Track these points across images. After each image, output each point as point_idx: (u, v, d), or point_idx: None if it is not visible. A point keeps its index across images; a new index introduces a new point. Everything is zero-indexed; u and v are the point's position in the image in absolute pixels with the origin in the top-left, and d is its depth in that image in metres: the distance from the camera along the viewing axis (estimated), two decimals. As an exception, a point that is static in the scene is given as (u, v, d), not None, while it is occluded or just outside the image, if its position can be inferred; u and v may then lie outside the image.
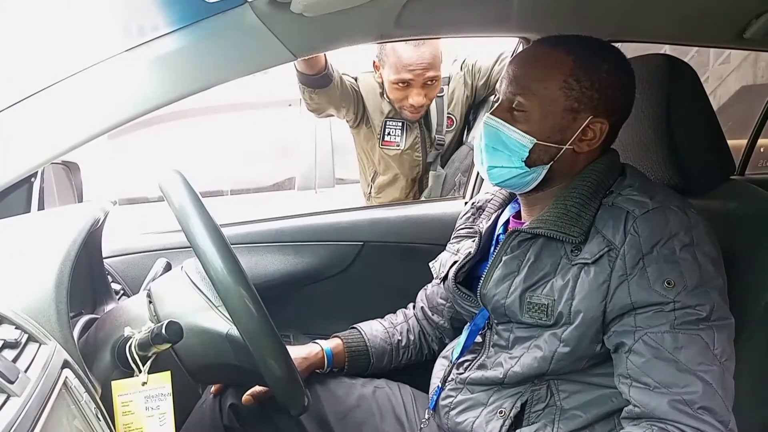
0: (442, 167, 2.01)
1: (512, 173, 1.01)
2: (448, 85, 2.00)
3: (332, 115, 2.00)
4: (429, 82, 1.83)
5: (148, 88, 1.00)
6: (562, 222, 0.97)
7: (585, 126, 0.98)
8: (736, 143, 2.42)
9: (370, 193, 2.13)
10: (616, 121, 1.02)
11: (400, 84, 1.82)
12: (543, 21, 1.33)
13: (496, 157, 1.01)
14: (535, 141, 0.98)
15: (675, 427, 0.86)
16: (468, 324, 1.16)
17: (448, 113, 2.01)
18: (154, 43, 1.00)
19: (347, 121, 2.04)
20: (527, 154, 0.99)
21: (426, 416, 1.17)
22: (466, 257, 1.15)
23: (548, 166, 1.00)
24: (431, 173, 2.03)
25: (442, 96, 1.99)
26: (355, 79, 1.96)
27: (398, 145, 1.96)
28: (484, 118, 1.03)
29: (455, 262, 1.18)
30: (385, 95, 1.93)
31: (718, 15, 1.31)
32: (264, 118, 3.37)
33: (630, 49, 1.21)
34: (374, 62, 1.91)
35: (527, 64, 1.02)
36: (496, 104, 1.04)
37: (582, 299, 0.94)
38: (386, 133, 1.96)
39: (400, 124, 1.95)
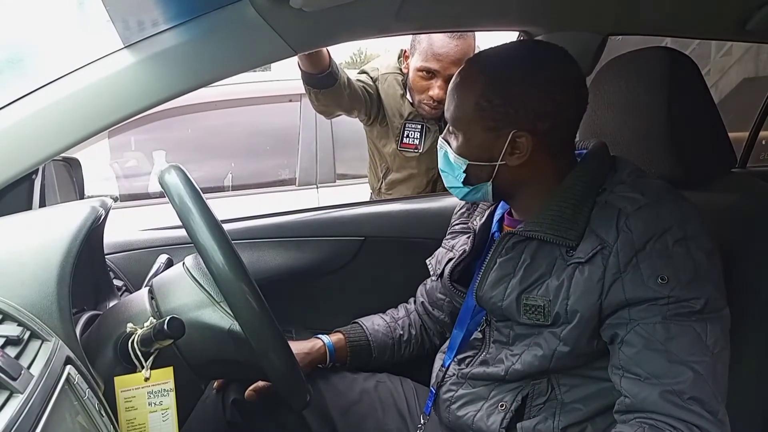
0: None
1: (463, 192, 1.04)
2: None
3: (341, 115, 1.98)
4: None
5: (148, 84, 1.00)
6: (558, 225, 0.96)
7: (509, 141, 0.96)
8: (738, 136, 2.42)
9: (380, 188, 2.09)
10: (548, 127, 0.97)
11: (425, 73, 1.78)
12: (543, 15, 1.33)
13: (447, 178, 1.06)
14: (468, 162, 1.00)
15: (664, 423, 0.86)
16: (457, 322, 1.16)
17: None
18: (153, 39, 1.00)
19: (360, 120, 2.01)
20: (464, 174, 1.01)
21: (427, 411, 1.17)
22: (461, 255, 1.15)
23: (490, 183, 1.01)
24: None
25: None
26: (374, 80, 1.92)
27: (417, 149, 1.92)
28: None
29: (450, 260, 1.17)
30: (406, 97, 1.90)
31: (720, 7, 1.31)
32: (264, 114, 3.36)
33: (631, 43, 1.20)
34: (404, 51, 1.88)
35: (451, 90, 1.02)
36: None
37: (578, 299, 0.93)
38: (405, 135, 1.92)
39: (419, 126, 1.90)
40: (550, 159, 1.00)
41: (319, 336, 1.28)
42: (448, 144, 1.03)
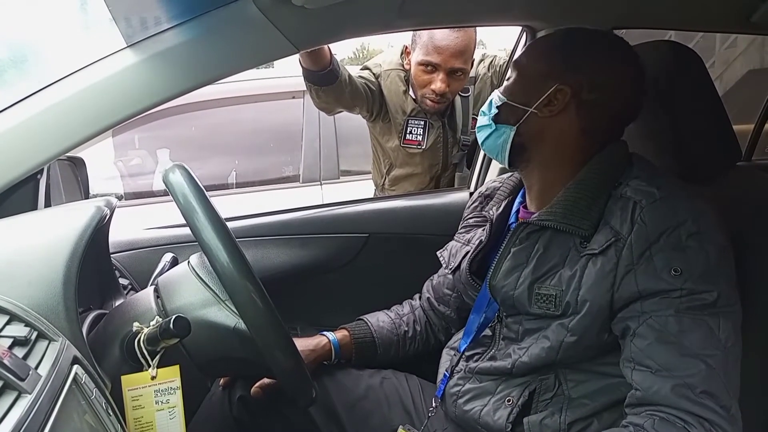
0: (468, 168, 1.96)
1: (486, 132, 1.07)
2: (474, 85, 1.97)
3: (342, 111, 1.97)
4: (455, 73, 1.79)
5: (151, 83, 1.00)
6: (572, 215, 0.97)
7: (550, 92, 1.00)
8: (743, 128, 2.41)
9: (383, 184, 2.09)
10: (592, 100, 1.00)
11: (427, 67, 1.79)
12: (545, 9, 1.33)
13: (481, 118, 1.09)
14: (505, 100, 1.04)
15: (675, 416, 0.86)
16: (471, 313, 1.16)
17: (474, 114, 1.96)
18: (156, 38, 1.00)
19: (362, 116, 2.01)
20: (496, 110, 1.05)
21: (433, 405, 1.18)
22: (478, 246, 1.16)
23: (515, 128, 1.03)
24: (457, 174, 2.00)
25: (468, 96, 1.96)
26: (377, 77, 1.93)
27: (420, 145, 1.92)
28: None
29: (467, 253, 1.18)
30: (408, 93, 1.90)
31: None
32: (267, 111, 3.36)
33: (634, 36, 1.20)
34: (405, 47, 1.89)
35: (529, 44, 1.11)
36: None
37: (589, 289, 0.94)
38: (408, 131, 1.92)
39: (422, 122, 1.91)
40: (578, 132, 1.02)
41: (324, 333, 1.29)
42: (498, 90, 1.08)
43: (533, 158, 1.05)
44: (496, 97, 1.06)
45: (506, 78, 1.09)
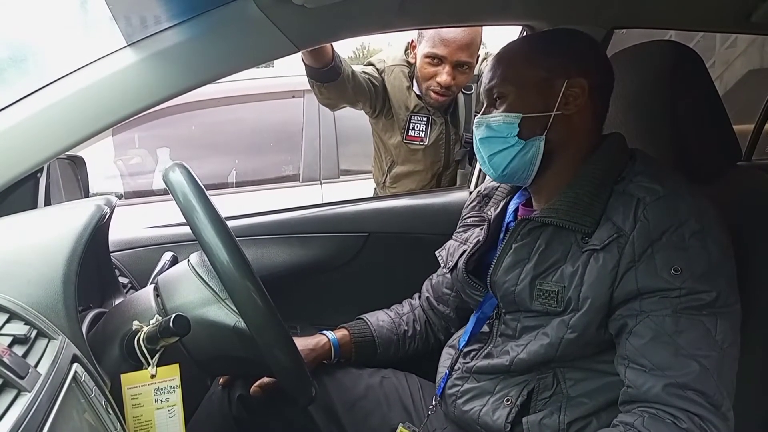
0: (470, 165, 1.98)
1: (511, 154, 1.02)
2: (477, 83, 1.96)
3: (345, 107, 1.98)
4: (461, 67, 1.80)
5: (151, 82, 1.00)
6: (574, 212, 0.97)
7: (564, 90, 1.00)
8: (743, 128, 2.41)
9: (384, 182, 2.09)
10: (596, 82, 1.02)
11: (433, 59, 1.80)
12: (546, 9, 1.33)
13: (492, 144, 1.03)
14: (521, 115, 1.01)
15: (665, 412, 0.86)
16: (474, 312, 1.16)
17: (476, 111, 1.98)
18: (156, 37, 1.01)
19: (365, 112, 2.01)
20: (518, 128, 1.01)
21: (433, 404, 1.18)
22: (475, 245, 1.16)
23: (543, 136, 1.01)
24: (459, 171, 2.01)
25: (471, 94, 1.97)
26: (381, 72, 1.93)
27: (422, 141, 1.93)
28: (473, 122, 1.08)
29: (465, 252, 1.18)
30: (412, 89, 1.90)
31: (724, -1, 1.30)
32: (267, 110, 3.36)
33: (634, 36, 1.20)
34: (411, 41, 1.89)
35: (497, 58, 1.07)
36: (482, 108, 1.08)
37: (590, 285, 0.94)
38: (411, 127, 1.93)
39: (425, 119, 1.92)
40: (592, 121, 1.04)
41: (324, 332, 1.29)
42: (490, 114, 1.04)
43: (554, 163, 1.03)
44: (502, 118, 1.01)
45: (491, 103, 1.05)
